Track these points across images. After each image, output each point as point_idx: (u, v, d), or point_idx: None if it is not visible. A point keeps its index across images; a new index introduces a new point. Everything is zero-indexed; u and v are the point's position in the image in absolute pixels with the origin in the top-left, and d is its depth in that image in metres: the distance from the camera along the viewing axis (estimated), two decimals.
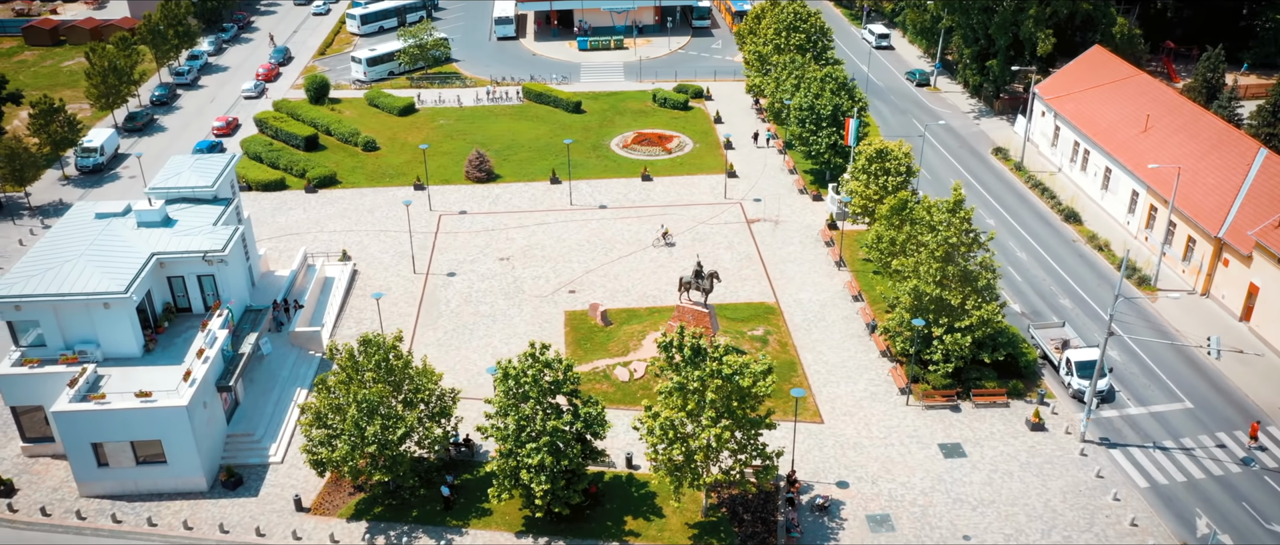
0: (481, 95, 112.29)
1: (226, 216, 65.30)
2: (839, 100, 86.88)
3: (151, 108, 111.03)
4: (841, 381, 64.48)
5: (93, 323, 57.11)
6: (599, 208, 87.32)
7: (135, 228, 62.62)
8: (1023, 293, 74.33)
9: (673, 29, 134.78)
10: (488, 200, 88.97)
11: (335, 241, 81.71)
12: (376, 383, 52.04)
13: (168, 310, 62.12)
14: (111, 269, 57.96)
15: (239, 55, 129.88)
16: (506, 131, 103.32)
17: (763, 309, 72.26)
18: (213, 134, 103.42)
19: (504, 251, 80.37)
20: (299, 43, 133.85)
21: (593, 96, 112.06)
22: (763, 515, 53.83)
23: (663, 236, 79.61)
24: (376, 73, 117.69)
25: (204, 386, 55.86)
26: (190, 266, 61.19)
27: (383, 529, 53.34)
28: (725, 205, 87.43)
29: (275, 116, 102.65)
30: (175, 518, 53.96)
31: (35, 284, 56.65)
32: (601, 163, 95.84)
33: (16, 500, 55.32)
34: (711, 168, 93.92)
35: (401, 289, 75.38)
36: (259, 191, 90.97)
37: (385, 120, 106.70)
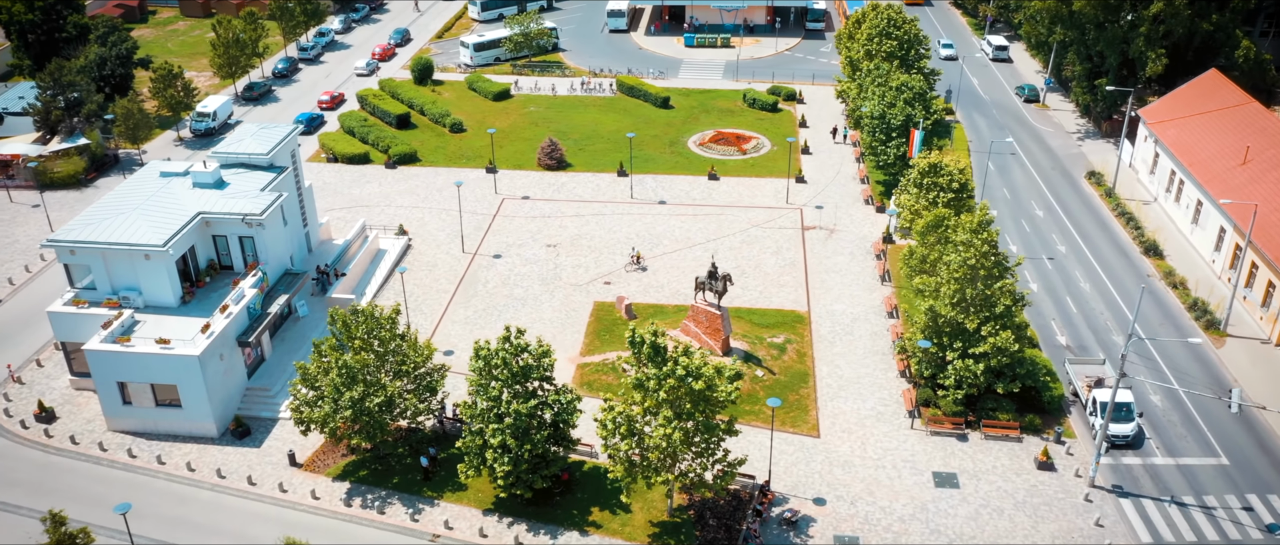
0: (576, 85, 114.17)
1: (276, 183, 69.10)
2: (911, 111, 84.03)
3: (272, 79, 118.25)
4: (851, 397, 62.77)
5: (136, 272, 61.82)
6: (658, 203, 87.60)
7: (190, 188, 67.22)
8: (1074, 325, 70.20)
9: (784, 30, 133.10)
10: (552, 188, 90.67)
11: (401, 216, 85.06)
12: (362, 351, 54.22)
13: (211, 267, 66.47)
14: (158, 224, 62.57)
15: (365, 35, 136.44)
16: (590, 122, 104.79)
17: (791, 317, 71.00)
18: (318, 107, 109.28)
19: (553, 238, 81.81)
20: (422, 26, 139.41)
21: (684, 93, 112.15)
22: (729, 522, 53.21)
23: (635, 261, 77.24)
24: (483, 58, 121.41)
25: (222, 339, 59.61)
26: (233, 227, 65.24)
27: (362, 491, 55.69)
28: (784, 210, 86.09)
29: (375, 94, 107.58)
30: (182, 459, 57.97)
31: (89, 232, 61.84)
32: (673, 159, 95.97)
33: (54, 427, 60.64)
34: (781, 171, 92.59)
35: (446, 267, 77.93)
36: (344, 163, 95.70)
37: (479, 104, 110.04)
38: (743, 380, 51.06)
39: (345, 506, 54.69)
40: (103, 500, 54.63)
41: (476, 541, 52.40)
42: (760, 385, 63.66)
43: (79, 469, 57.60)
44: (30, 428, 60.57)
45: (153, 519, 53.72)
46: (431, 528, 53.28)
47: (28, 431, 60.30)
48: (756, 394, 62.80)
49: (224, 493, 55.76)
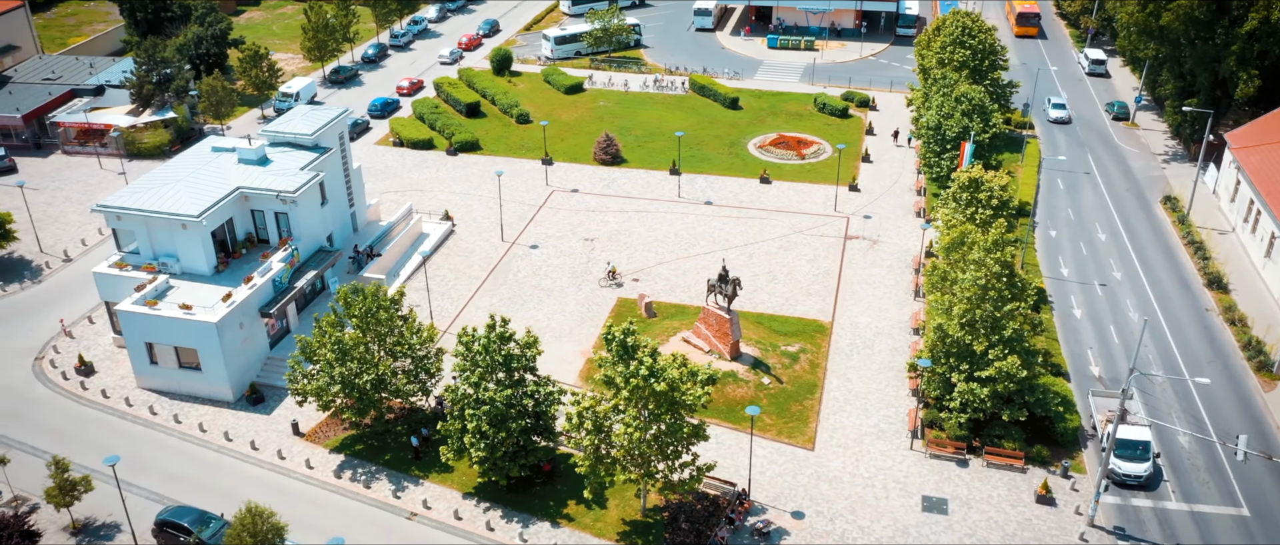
0: (648, 82, 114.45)
1: (318, 163, 71.74)
2: (968, 123, 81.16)
3: (360, 64, 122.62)
4: (855, 412, 61.28)
5: (174, 239, 65.33)
6: (704, 204, 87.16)
7: (235, 163, 70.52)
8: (1112, 356, 66.67)
9: (873, 35, 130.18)
10: (603, 182, 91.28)
11: (452, 202, 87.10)
12: (356, 329, 55.93)
13: (248, 239, 69.59)
14: (198, 195, 65.94)
15: (458, 24, 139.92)
16: (656, 119, 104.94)
17: (812, 326, 69.70)
18: (397, 93, 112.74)
19: (593, 233, 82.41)
20: (513, 17, 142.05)
21: (756, 94, 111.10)
22: (701, 526, 52.75)
23: (610, 276, 75.51)
24: (563, 51, 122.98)
25: (242, 309, 62.43)
26: (269, 203, 68.15)
27: (353, 464, 57.50)
28: (831, 218, 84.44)
29: (450, 83, 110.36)
30: (197, 420, 61.03)
31: (134, 199, 65.66)
32: (729, 160, 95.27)
33: (91, 381, 64.69)
34: (832, 178, 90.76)
35: (483, 254, 79.47)
36: (409, 148, 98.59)
37: (551, 97, 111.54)
38: (712, 386, 50.36)
39: (335, 478, 56.59)
40: (115, 451, 57.89)
41: (450, 523, 53.47)
42: (765, 393, 62.77)
43: (104, 421, 61.31)
44: (69, 379, 64.77)
45: (157, 473, 56.80)
46: (411, 506, 54.62)
47: (66, 383, 64.51)
48: (758, 401, 61.94)
49: (226, 455, 58.44)
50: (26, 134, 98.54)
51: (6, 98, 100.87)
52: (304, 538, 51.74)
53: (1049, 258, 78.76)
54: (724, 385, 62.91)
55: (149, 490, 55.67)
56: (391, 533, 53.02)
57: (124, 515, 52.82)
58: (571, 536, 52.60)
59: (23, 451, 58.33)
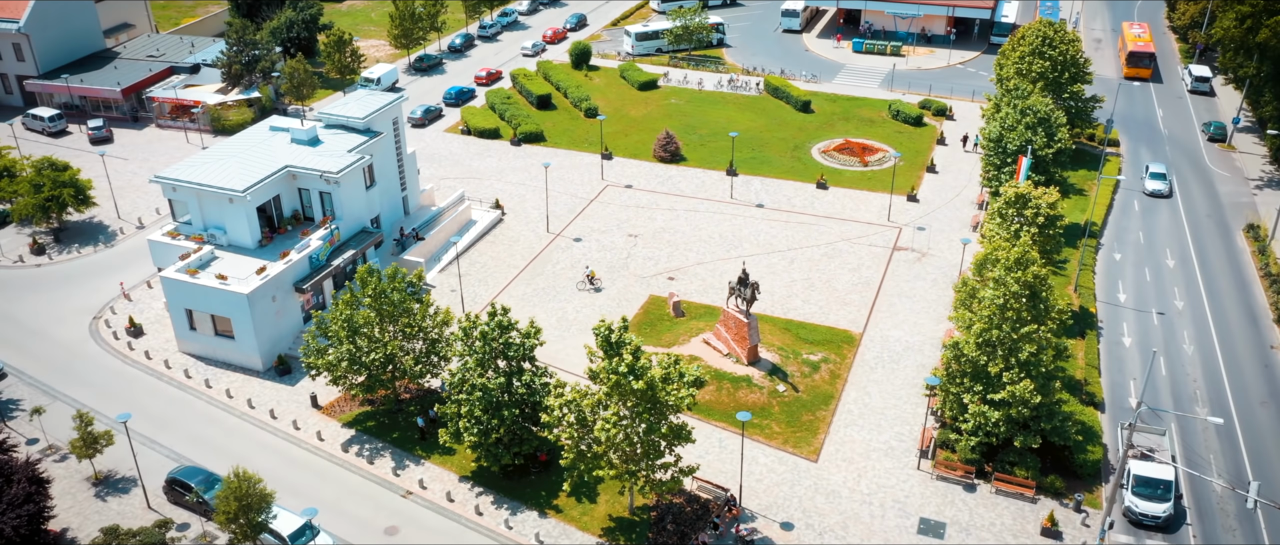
0: (723, 82, 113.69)
1: (366, 147, 73.83)
2: (1032, 136, 77.91)
3: (446, 53, 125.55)
4: (867, 427, 59.73)
5: (222, 212, 68.35)
6: (756, 206, 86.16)
7: (288, 143, 73.28)
8: (1156, 389, 63.12)
9: (962, 42, 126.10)
10: (659, 179, 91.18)
11: (507, 191, 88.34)
12: (369, 308, 57.41)
13: (295, 216, 72.22)
14: (247, 171, 68.81)
15: (548, 17, 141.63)
16: (723, 119, 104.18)
17: (840, 337, 68.18)
18: (474, 82, 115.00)
19: (639, 229, 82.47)
20: (602, 13, 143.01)
21: (830, 98, 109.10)
22: (686, 529, 52.33)
23: (588, 280, 74.55)
24: (643, 47, 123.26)
25: (275, 282, 64.86)
26: (314, 182, 70.55)
27: (362, 440, 59.13)
28: (883, 228, 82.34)
29: (525, 74, 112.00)
30: (225, 385, 63.76)
31: (188, 172, 68.98)
32: (790, 164, 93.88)
33: (138, 341, 68.28)
34: (897, 187, 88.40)
35: (526, 244, 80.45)
36: (476, 136, 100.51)
37: (624, 92, 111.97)
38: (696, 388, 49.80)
39: (342, 451, 58.33)
40: (146, 409, 61.25)
41: (442, 504, 54.46)
42: (777, 401, 61.76)
43: (142, 381, 64.66)
44: (119, 339, 68.52)
45: (180, 434, 59.64)
46: (408, 484, 55.88)
47: (116, 342, 68.27)
48: (770, 408, 61.01)
49: (247, 421, 60.88)
50: (125, 107, 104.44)
51: (111, 72, 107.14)
52: (299, 505, 53.48)
53: (1108, 282, 75.01)
54: (736, 389, 62.18)
55: (169, 449, 58.49)
56: (383, 508, 54.34)
57: (131, 471, 55.61)
58: (556, 528, 52.91)
59: (64, 404, 62.04)
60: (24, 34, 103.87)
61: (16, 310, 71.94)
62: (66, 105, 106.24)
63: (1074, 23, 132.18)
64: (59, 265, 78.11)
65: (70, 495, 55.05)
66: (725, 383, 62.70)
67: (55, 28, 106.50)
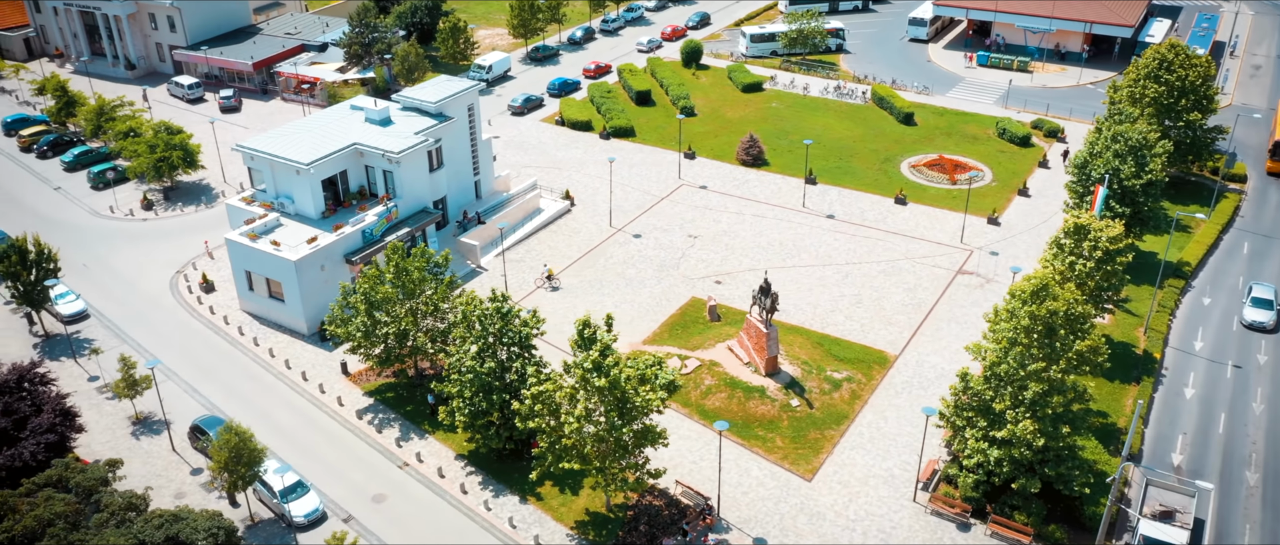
0: (829, 88, 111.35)
1: (435, 130, 76.60)
2: (1119, 165, 72.87)
3: (565, 45, 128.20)
4: (873, 452, 57.78)
5: (290, 183, 72.59)
6: (826, 217, 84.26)
7: (362, 121, 76.99)
8: (1206, 446, 58.23)
9: (1098, 61, 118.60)
10: (734, 182, 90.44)
11: (587, 183, 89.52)
12: (388, 285, 59.80)
13: (361, 192, 75.81)
14: (317, 146, 72.80)
15: (675, 14, 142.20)
16: (820, 126, 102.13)
17: (873, 357, 66.04)
18: (583, 75, 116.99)
19: (702, 230, 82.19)
20: (729, 12, 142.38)
21: (938, 112, 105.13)
22: (657, 531, 52.18)
23: (547, 278, 74.00)
24: (758, 49, 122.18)
25: (325, 253, 68.42)
26: (378, 161, 73.87)
27: (376, 409, 61.78)
28: (952, 249, 78.95)
29: (631, 70, 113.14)
30: (270, 344, 67.82)
31: (265, 143, 73.60)
32: (875, 176, 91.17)
33: (209, 298, 73.43)
34: (979, 208, 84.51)
35: (586, 236, 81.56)
36: (569, 128, 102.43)
37: (727, 93, 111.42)
38: (677, 392, 49.49)
39: (356, 418, 61.10)
40: (198, 359, 66.05)
41: (433, 479, 56.27)
42: (788, 415, 60.50)
43: (201, 334, 69.61)
44: (192, 293, 73.92)
45: (218, 384, 64.01)
46: (406, 456, 58.02)
47: (189, 296, 73.71)
48: (778, 422, 59.87)
49: (281, 380, 64.62)
50: (256, 80, 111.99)
51: (250, 46, 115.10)
52: (303, 463, 56.52)
53: (1186, 327, 69.47)
54: (748, 399, 61.31)
55: (206, 398, 62.84)
56: (378, 476, 56.65)
57: (168, 415, 60.12)
58: (532, 515, 53.79)
59: (128, 348, 67.55)
60: (176, 7, 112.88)
61: (114, 259, 78.70)
62: (208, 75, 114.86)
63: (1232, 47, 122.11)
64: (162, 221, 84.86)
65: (110, 430, 60.08)
66: (738, 392, 61.91)
67: (205, 2, 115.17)
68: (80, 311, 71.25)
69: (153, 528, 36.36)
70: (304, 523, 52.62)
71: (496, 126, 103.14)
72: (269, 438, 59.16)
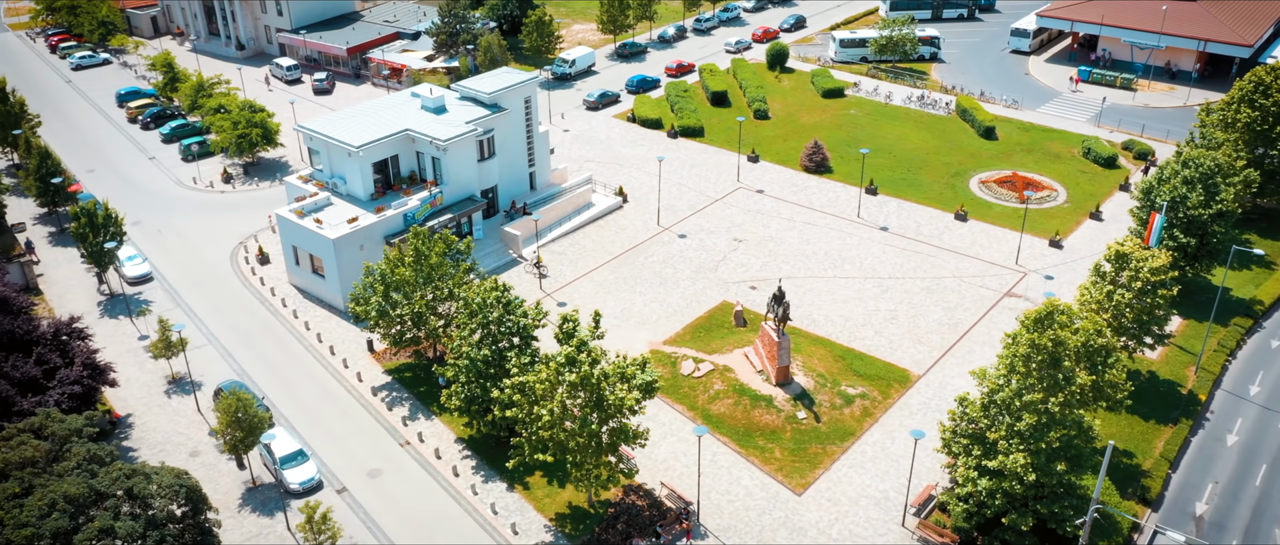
0: (913, 97, 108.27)
1: (487, 120, 78.14)
2: (1186, 193, 68.48)
3: (655, 43, 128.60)
4: (872, 472, 56.21)
5: (343, 164, 75.36)
6: (879, 229, 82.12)
7: (418, 108, 79.24)
8: (1236, 501, 54.32)
9: (1212, 81, 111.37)
10: (792, 188, 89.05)
11: (646, 181, 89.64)
12: (407, 268, 61.46)
13: (412, 177, 78.04)
14: (370, 130, 75.35)
15: (770, 17, 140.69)
16: (894, 135, 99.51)
17: (894, 374, 64.14)
18: (665, 73, 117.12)
19: (749, 234, 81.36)
20: (828, 16, 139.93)
21: (1023, 127, 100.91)
22: (633, 531, 52.11)
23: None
24: (847, 55, 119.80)
25: (364, 233, 70.78)
26: (427, 147, 75.90)
27: (391, 387, 63.63)
28: (1005, 270, 75.80)
29: (711, 70, 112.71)
30: (307, 318, 70.64)
31: (322, 124, 76.65)
32: (940, 190, 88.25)
33: (263, 269, 76.97)
34: (1043, 229, 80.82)
35: (631, 233, 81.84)
36: (639, 124, 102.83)
37: (807, 98, 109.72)
38: (654, 394, 49.17)
39: (371, 394, 63.07)
40: (239, 326, 69.48)
41: (429, 459, 57.65)
42: (792, 426, 59.42)
43: (246, 302, 73.10)
44: (248, 264, 77.65)
45: (254, 352, 67.12)
46: (409, 435, 59.56)
47: (245, 266, 77.48)
48: (781, 433, 58.86)
49: (310, 352, 67.28)
50: (350, 64, 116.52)
51: (348, 32, 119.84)
52: (311, 433, 58.84)
53: (1245, 370, 64.88)
54: (754, 408, 60.50)
55: (238, 363, 66.02)
56: (378, 452, 58.38)
57: (200, 377, 63.51)
58: (515, 503, 54.48)
59: (181, 311, 71.59)
60: None
61: (187, 227, 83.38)
62: (308, 58, 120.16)
63: None
64: (237, 194, 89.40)
65: (146, 387, 63.83)
66: (745, 399, 61.15)
67: None
68: (144, 274, 75.82)
69: (110, 479, 38.70)
70: (299, 490, 54.74)
71: (569, 120, 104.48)
72: (286, 406, 61.98)
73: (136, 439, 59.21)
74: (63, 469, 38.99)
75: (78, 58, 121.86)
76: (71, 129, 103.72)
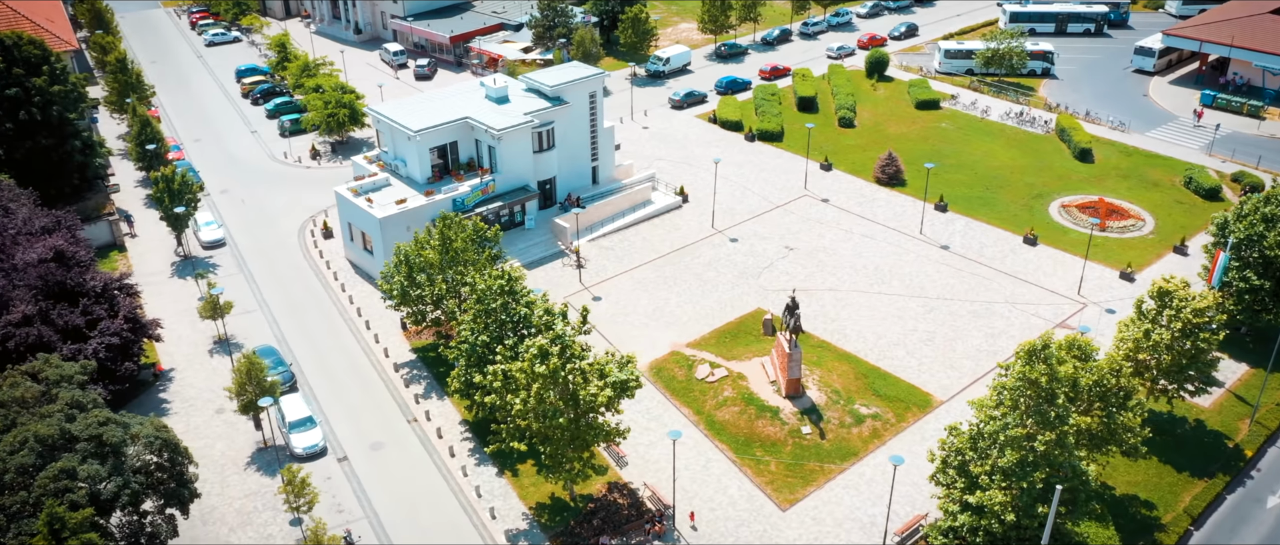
0: (1011, 113, 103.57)
1: (547, 113, 79.31)
2: (1263, 231, 63.27)
3: (757, 45, 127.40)
4: (866, 496, 54.54)
5: (404, 147, 78.08)
6: (940, 247, 79.14)
7: (482, 97, 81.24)
8: None
9: None
10: (858, 199, 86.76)
11: (710, 182, 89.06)
12: (431, 251, 63.19)
13: (470, 163, 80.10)
14: (431, 116, 77.80)
15: (882, 24, 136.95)
16: (982, 152, 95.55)
17: (916, 398, 61.89)
18: (759, 76, 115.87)
19: (800, 242, 79.88)
20: (944, 26, 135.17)
21: (1125, 151, 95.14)
22: (606, 528, 52.19)
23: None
24: (952, 66, 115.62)
25: (411, 214, 73.14)
26: (484, 135, 77.75)
27: (413, 366, 65.67)
28: (1065, 300, 71.85)
29: (803, 75, 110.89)
30: (353, 292, 73.58)
31: (389, 109, 79.61)
32: (1015, 211, 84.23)
33: (324, 243, 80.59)
34: (1118, 260, 76.13)
35: (683, 233, 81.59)
36: (719, 126, 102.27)
37: (899, 108, 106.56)
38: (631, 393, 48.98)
39: (393, 370, 65.25)
40: (291, 295, 73.11)
41: (431, 439, 59.22)
42: (793, 440, 58.17)
43: (303, 273, 76.73)
44: (313, 237, 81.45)
45: (297, 320, 70.53)
46: (418, 414, 61.33)
47: (309, 239, 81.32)
48: (781, 446, 57.72)
49: (347, 325, 70.14)
50: (453, 52, 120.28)
51: (455, 21, 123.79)
52: (327, 401, 61.46)
53: None
54: (758, 418, 59.53)
55: (281, 330, 69.45)
56: (385, 425, 60.38)
57: (242, 340, 67.17)
58: (501, 487, 55.38)
59: (241, 277, 75.78)
60: None
61: (267, 199, 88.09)
62: (416, 45, 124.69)
63: None
64: (322, 170, 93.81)
65: (193, 345, 67.92)
66: (751, 408, 60.22)
67: None
68: (219, 240, 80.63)
69: (84, 424, 41.62)
70: (302, 454, 57.26)
71: (651, 118, 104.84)
72: (314, 374, 64.88)
73: (172, 392, 63.19)
74: (48, 411, 42.19)
75: (212, 35, 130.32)
76: (191, 100, 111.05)
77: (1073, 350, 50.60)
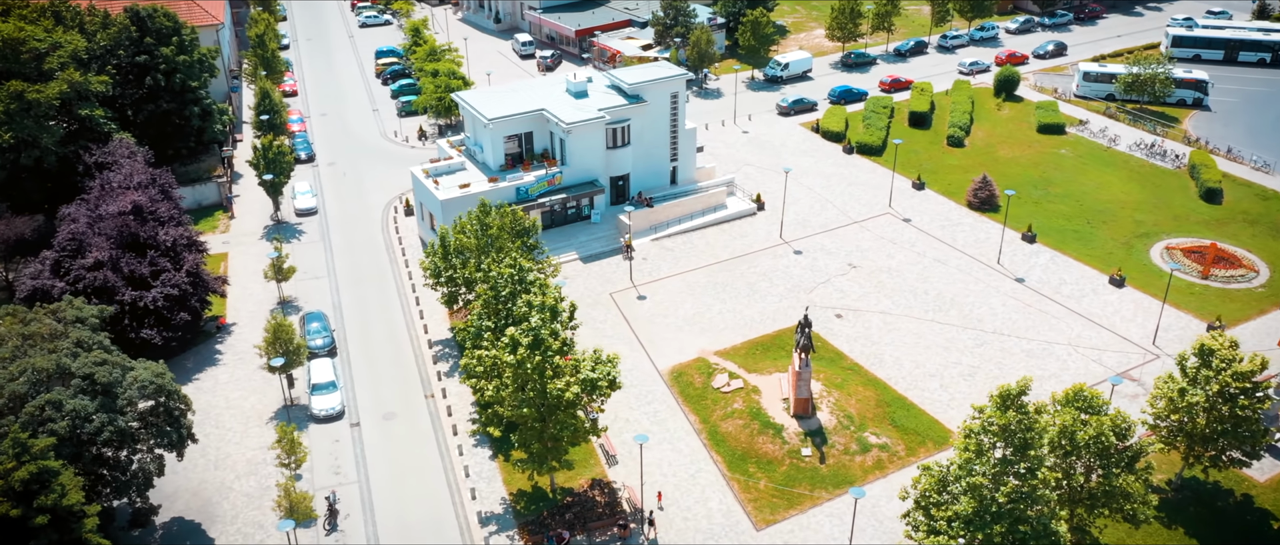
0: (1141, 144, 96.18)
1: (623, 110, 79.95)
2: None
3: (889, 56, 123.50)
4: (846, 525, 52.49)
5: (480, 134, 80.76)
6: (1015, 280, 74.77)
7: (563, 90, 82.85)
8: None
9: None
10: (942, 223, 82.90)
11: (795, 192, 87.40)
12: (468, 236, 65.21)
13: (544, 154, 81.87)
14: (507, 106, 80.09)
15: (1030, 41, 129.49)
16: (1095, 183, 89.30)
17: (935, 433, 59.07)
18: (878, 87, 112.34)
19: (865, 261, 77.37)
20: (1098, 46, 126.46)
21: (1262, 194, 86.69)
22: (576, 524, 52.63)
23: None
24: (1090, 89, 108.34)
25: (472, 199, 75.36)
26: (557, 128, 79.27)
27: (447, 345, 68.08)
28: (1137, 348, 66.54)
29: (919, 89, 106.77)
30: (411, 268, 76.78)
31: (471, 96, 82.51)
32: (1111, 249, 78.36)
33: (404, 220, 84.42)
34: (1207, 311, 69.73)
35: (748, 240, 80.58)
36: (821, 135, 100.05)
37: (1018, 130, 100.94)
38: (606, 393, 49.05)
39: (427, 346, 67.85)
40: (360, 266, 77.20)
41: (440, 415, 61.28)
42: (790, 459, 56.74)
43: (375, 247, 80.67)
44: (395, 215, 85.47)
45: (357, 291, 74.44)
46: (435, 389, 63.54)
47: (392, 216, 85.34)
48: (777, 465, 56.41)
49: (398, 299, 73.31)
50: (577, 45, 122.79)
51: (585, 16, 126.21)
52: (358, 366, 64.71)
53: None
54: (759, 434, 58.42)
55: (340, 297, 73.43)
56: (404, 397, 62.90)
57: (300, 303, 71.54)
58: (491, 471, 56.68)
59: (320, 246, 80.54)
60: None
61: (368, 174, 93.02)
62: (548, 37, 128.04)
63: None
64: (424, 151, 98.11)
65: (259, 304, 72.78)
66: (755, 423, 59.08)
67: None
68: (311, 208, 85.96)
69: (83, 361, 45.66)
70: (320, 416, 60.52)
71: (754, 122, 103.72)
72: (355, 342, 68.38)
73: (227, 344, 68.09)
74: (54, 346, 46.60)
75: (365, 16, 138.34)
76: (332, 76, 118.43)
77: (1076, 401, 47.29)
